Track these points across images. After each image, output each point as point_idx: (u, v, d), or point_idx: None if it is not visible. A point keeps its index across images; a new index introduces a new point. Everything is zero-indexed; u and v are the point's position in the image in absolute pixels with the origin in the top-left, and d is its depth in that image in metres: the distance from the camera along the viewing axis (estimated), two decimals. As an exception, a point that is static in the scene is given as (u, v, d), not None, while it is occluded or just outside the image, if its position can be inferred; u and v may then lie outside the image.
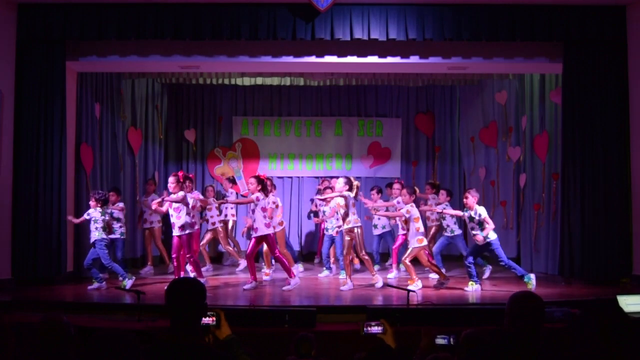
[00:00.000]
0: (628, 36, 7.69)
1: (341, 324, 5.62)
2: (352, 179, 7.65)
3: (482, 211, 7.29)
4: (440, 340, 3.48)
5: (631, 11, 7.64)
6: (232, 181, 10.01)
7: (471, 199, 7.36)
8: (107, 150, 9.00)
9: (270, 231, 7.46)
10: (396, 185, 8.97)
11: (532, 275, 7.22)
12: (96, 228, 7.45)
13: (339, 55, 7.94)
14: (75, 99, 8.22)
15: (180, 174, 7.54)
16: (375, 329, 3.42)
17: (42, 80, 7.74)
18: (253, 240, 7.46)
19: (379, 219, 8.99)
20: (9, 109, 7.60)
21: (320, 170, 11.27)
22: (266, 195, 7.56)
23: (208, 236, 9.40)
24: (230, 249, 9.49)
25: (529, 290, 6.57)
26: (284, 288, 7.29)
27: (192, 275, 7.51)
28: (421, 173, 11.31)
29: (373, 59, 7.96)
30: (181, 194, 7.25)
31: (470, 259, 7.39)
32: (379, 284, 7.39)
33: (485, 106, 10.54)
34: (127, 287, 6.96)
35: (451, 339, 3.45)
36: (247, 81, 10.09)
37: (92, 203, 7.58)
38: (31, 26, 7.65)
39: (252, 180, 7.58)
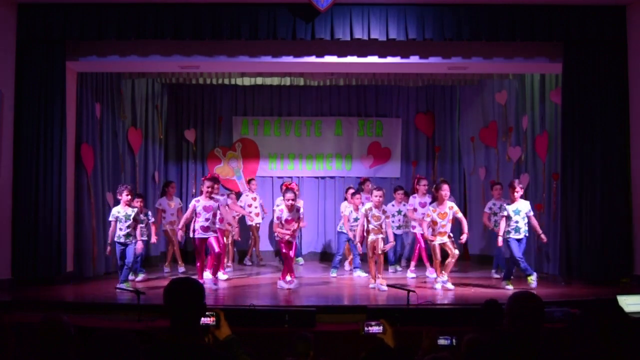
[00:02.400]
0: (628, 36, 7.68)
1: (341, 324, 5.61)
2: None
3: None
4: (442, 341, 3.48)
5: (631, 11, 7.64)
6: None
7: (520, 191, 7.38)
8: (108, 150, 8.99)
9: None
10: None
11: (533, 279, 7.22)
12: (128, 226, 7.38)
13: (339, 55, 7.93)
14: (75, 99, 8.22)
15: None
16: (375, 329, 3.42)
17: (42, 80, 7.73)
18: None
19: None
20: (9, 109, 7.59)
21: (320, 170, 11.28)
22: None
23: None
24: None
25: (529, 290, 6.57)
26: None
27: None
28: (421, 173, 11.28)
29: (373, 59, 7.96)
30: None
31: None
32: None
33: (485, 106, 10.54)
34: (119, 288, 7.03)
35: (453, 340, 3.45)
36: (247, 81, 10.10)
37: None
38: (31, 26, 7.65)
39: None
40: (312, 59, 7.95)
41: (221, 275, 8.07)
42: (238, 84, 10.41)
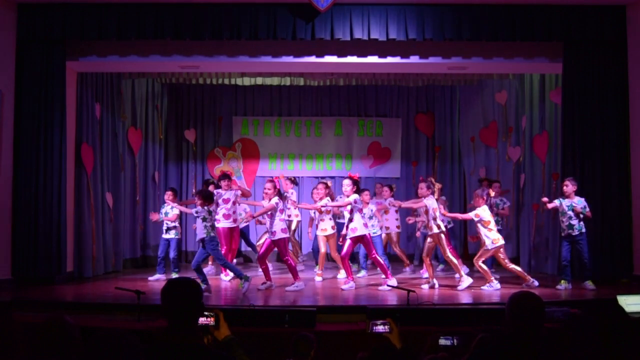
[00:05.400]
0: (628, 36, 7.69)
1: (341, 324, 5.61)
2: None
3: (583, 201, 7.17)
4: (443, 342, 3.45)
5: (631, 11, 7.64)
6: (294, 182, 9.56)
7: (571, 187, 7.21)
8: (108, 150, 8.99)
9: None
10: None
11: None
12: (205, 227, 7.11)
13: (339, 55, 7.94)
14: (75, 99, 8.22)
15: (275, 179, 7.60)
16: (382, 328, 3.42)
17: (42, 80, 7.73)
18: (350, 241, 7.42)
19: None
20: (9, 109, 7.60)
21: (320, 170, 11.28)
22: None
23: None
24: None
25: (529, 290, 6.56)
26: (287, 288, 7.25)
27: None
28: (421, 173, 11.29)
29: (373, 59, 7.96)
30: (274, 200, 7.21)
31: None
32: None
33: (485, 106, 10.54)
34: (244, 290, 6.83)
35: (455, 340, 3.42)
36: (247, 81, 10.10)
37: (200, 201, 7.16)
38: (31, 26, 7.65)
39: (348, 182, 7.38)
40: (312, 59, 7.96)
41: (224, 277, 8.05)
42: (238, 84, 10.41)
